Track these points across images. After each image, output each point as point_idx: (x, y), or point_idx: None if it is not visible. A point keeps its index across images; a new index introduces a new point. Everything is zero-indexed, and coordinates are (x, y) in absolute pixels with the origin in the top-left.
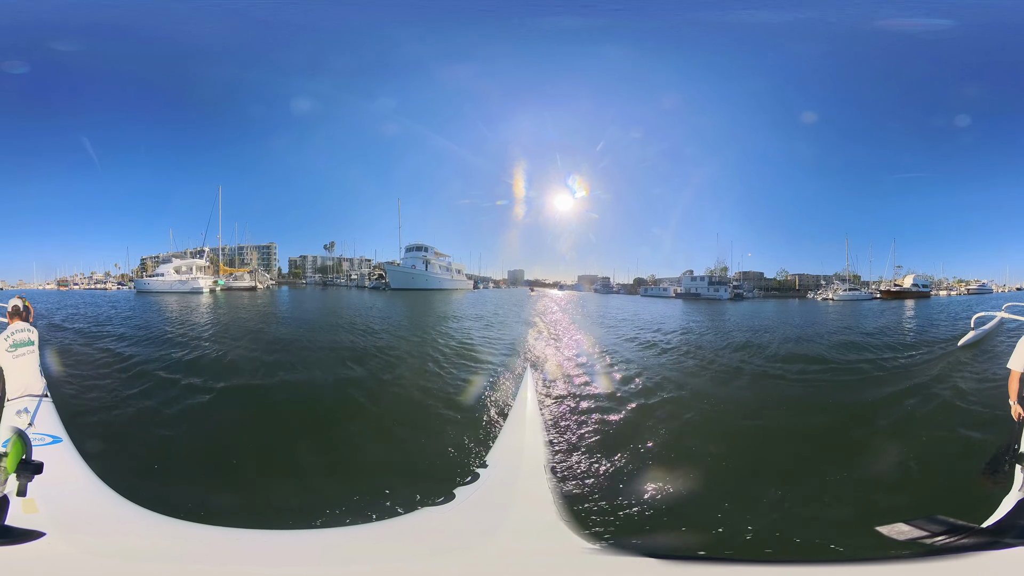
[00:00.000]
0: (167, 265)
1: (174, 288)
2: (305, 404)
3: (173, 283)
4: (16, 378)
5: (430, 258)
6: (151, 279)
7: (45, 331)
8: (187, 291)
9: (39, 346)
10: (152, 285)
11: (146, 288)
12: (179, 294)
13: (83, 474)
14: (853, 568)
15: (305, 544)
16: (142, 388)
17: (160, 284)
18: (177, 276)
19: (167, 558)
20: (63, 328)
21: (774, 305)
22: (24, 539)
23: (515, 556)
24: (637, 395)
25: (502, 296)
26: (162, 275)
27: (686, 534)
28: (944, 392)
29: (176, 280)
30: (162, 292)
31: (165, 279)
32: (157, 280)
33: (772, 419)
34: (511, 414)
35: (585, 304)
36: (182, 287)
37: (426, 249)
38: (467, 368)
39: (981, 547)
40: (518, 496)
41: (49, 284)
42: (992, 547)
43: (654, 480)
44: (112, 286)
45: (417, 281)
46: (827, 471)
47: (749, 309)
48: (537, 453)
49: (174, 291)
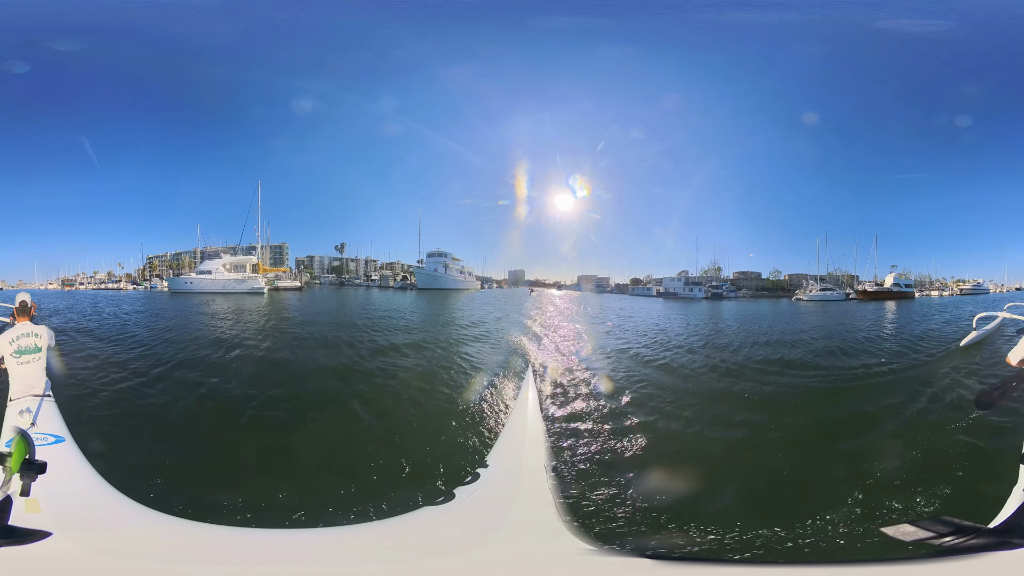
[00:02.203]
0: (214, 261)
1: (228, 288)
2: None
3: (228, 282)
4: (20, 379)
5: (448, 263)
6: (195, 277)
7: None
8: (245, 291)
9: (47, 347)
10: (197, 284)
11: (187, 288)
12: (236, 295)
13: (86, 474)
14: (855, 569)
15: (307, 543)
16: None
17: (209, 283)
18: (231, 275)
19: (171, 557)
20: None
21: (746, 305)
22: (28, 539)
23: (516, 556)
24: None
25: (507, 294)
26: (209, 272)
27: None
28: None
29: (231, 279)
30: (212, 293)
31: (216, 278)
32: (204, 279)
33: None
34: (512, 414)
35: (574, 301)
36: (239, 286)
37: (445, 255)
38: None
39: (986, 548)
40: (519, 496)
41: (52, 284)
42: (998, 548)
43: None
44: (127, 286)
45: (438, 282)
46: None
47: (713, 307)
48: (538, 453)
49: (229, 291)
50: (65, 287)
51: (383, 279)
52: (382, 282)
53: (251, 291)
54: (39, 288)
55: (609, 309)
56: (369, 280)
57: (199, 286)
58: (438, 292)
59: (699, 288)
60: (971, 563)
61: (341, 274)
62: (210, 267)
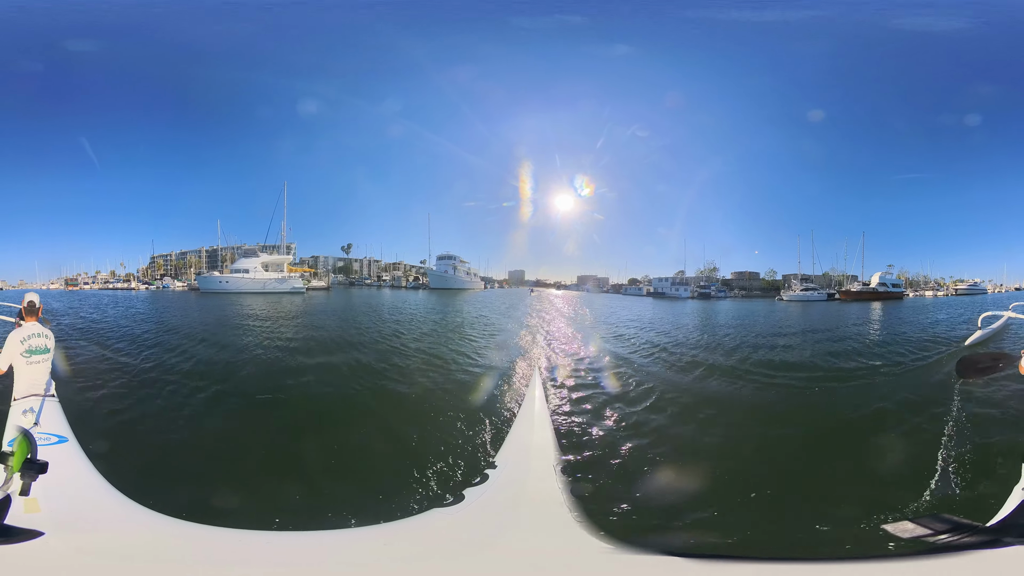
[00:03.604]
0: (251, 260)
1: (269, 288)
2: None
3: (268, 282)
4: (27, 379)
5: (457, 264)
6: (232, 276)
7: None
8: (286, 291)
9: (54, 348)
10: (235, 284)
11: (222, 288)
12: (275, 295)
13: (87, 474)
14: (861, 566)
15: (313, 545)
16: None
17: (248, 283)
18: (271, 274)
19: (172, 559)
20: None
21: (727, 304)
22: (24, 538)
23: (526, 556)
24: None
25: (508, 293)
26: (247, 271)
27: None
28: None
29: (271, 279)
30: (251, 293)
31: (255, 277)
32: (242, 278)
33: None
34: (520, 414)
35: (570, 301)
36: (280, 286)
37: (453, 257)
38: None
39: (985, 545)
40: (528, 496)
41: (54, 284)
42: (995, 545)
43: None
44: (139, 285)
45: (448, 282)
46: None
47: (691, 306)
48: (547, 452)
49: (269, 291)
50: (68, 287)
51: (395, 279)
52: (394, 282)
53: (292, 291)
54: (41, 288)
55: (597, 306)
56: (380, 280)
57: (236, 285)
58: (448, 291)
59: (684, 288)
60: (970, 560)
61: (348, 274)
62: (247, 266)
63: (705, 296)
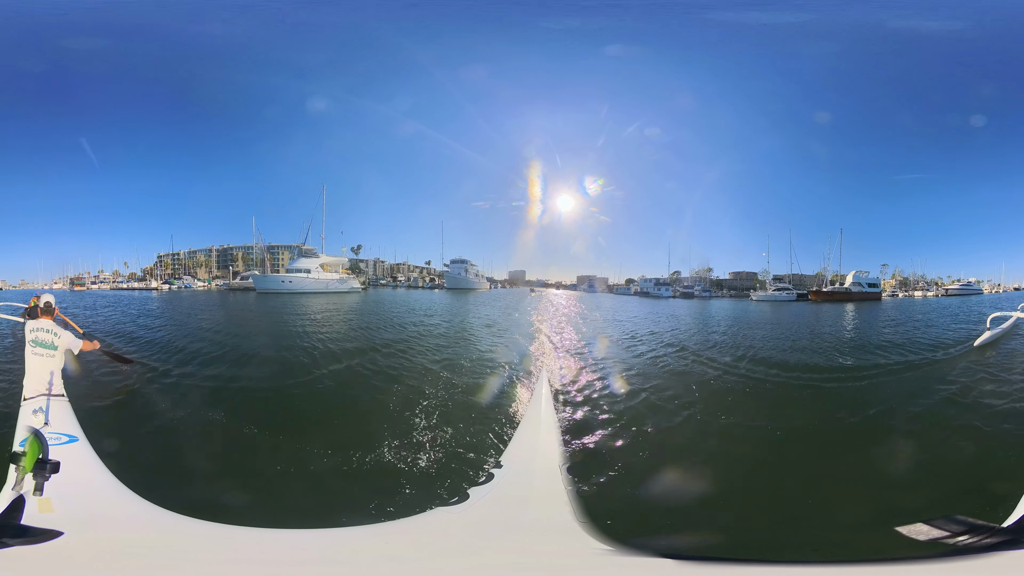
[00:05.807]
0: (311, 260)
1: (331, 288)
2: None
3: (330, 282)
4: (34, 375)
5: (468, 267)
6: (295, 276)
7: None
8: (345, 290)
9: (64, 349)
10: (298, 284)
11: (283, 288)
12: (336, 294)
13: (99, 473)
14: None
15: (319, 544)
16: None
17: (311, 283)
18: (332, 275)
19: (184, 557)
20: None
21: (702, 303)
22: (39, 538)
23: (531, 556)
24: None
25: (510, 293)
26: (308, 272)
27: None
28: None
29: (333, 279)
30: (314, 292)
31: (318, 277)
32: (305, 278)
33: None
34: (526, 414)
35: (565, 298)
36: (341, 286)
37: (465, 261)
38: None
39: (1000, 547)
40: (533, 496)
41: (58, 284)
42: (1012, 546)
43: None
44: (162, 286)
45: (461, 283)
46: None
47: (665, 304)
48: (552, 453)
49: (331, 291)
50: (75, 287)
51: (412, 280)
52: (411, 283)
53: (351, 290)
54: (43, 288)
55: (588, 303)
56: (396, 281)
57: (300, 285)
58: (463, 292)
59: (667, 288)
60: (986, 562)
61: (358, 274)
62: (308, 266)
63: (688, 296)
